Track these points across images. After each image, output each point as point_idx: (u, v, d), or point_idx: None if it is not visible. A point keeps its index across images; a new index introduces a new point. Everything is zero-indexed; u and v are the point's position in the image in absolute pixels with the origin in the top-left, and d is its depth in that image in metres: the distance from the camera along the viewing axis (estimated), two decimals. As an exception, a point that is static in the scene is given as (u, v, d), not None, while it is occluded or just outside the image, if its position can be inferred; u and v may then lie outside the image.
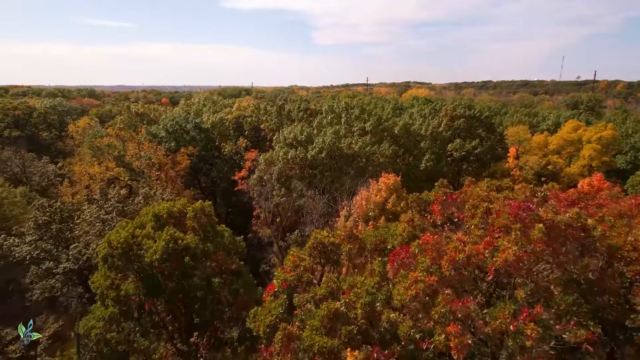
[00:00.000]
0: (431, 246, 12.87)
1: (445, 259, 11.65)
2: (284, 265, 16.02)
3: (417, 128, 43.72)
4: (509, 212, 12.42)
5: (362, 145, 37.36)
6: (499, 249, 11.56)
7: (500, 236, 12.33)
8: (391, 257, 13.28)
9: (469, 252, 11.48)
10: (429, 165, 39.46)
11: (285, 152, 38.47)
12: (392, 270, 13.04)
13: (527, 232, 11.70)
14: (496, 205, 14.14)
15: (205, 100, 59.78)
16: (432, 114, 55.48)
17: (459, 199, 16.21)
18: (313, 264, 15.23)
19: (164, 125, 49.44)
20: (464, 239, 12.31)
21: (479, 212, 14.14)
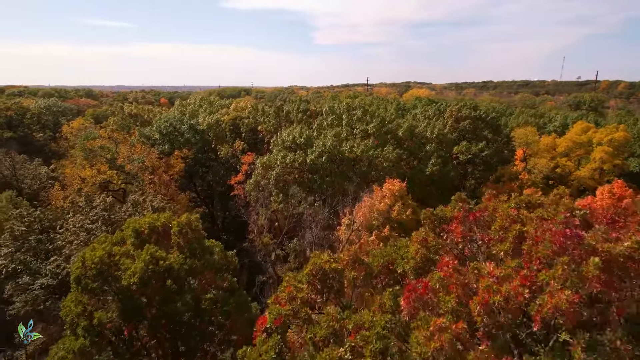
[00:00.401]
0: (455, 280, 10.50)
1: (476, 300, 9.30)
2: (279, 294, 13.67)
3: (422, 130, 41.37)
4: (552, 239, 10.06)
5: (364, 148, 35.02)
6: (543, 290, 9.21)
7: (540, 268, 9.97)
8: (406, 292, 10.92)
9: (506, 293, 9.13)
10: (435, 170, 37.11)
11: (283, 156, 36.12)
12: (408, 308, 10.68)
13: (577, 266, 9.34)
14: (530, 228, 11.77)
15: (202, 101, 57.41)
16: (437, 115, 53.12)
17: (482, 216, 13.84)
18: (312, 295, 12.87)
19: (157, 126, 47.09)
20: (497, 272, 9.95)
21: (510, 236, 11.78)
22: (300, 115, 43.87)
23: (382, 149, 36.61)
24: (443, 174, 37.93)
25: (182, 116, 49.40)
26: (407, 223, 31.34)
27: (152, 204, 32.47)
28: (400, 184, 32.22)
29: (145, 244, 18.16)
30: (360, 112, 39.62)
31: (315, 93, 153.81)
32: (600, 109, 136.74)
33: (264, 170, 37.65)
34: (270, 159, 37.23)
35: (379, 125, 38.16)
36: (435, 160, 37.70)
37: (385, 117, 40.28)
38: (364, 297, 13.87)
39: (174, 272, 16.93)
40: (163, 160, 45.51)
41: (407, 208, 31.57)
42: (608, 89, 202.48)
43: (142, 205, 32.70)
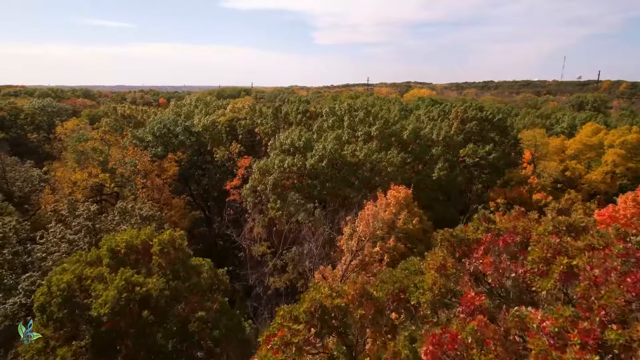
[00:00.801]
0: (493, 333, 8.20)
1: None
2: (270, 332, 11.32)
3: (428, 133, 39.02)
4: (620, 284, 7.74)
5: (367, 152, 32.68)
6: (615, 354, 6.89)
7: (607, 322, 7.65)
8: (429, 344, 8.61)
9: (568, 361, 6.80)
10: (443, 175, 34.78)
11: (281, 160, 33.78)
12: (431, 366, 8.36)
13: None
14: (580, 262, 9.44)
15: (197, 101, 55.01)
16: (441, 117, 50.77)
17: (513, 241, 11.53)
18: (310, 338, 10.56)
19: (150, 128, 44.77)
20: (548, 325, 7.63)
21: (555, 272, 9.46)
22: (299, 117, 41.50)
23: (386, 152, 34.28)
24: (450, 179, 35.60)
25: (177, 117, 47.07)
26: (413, 233, 29.04)
27: (141, 212, 30.16)
28: (406, 191, 29.90)
29: (122, 265, 15.86)
30: (363, 114, 37.27)
31: (316, 93, 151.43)
32: (603, 109, 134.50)
33: (261, 175, 35.32)
34: (267, 163, 34.90)
35: (382, 127, 35.82)
36: (442, 164, 35.36)
37: (389, 119, 37.92)
38: (374, 338, 11.53)
39: (152, 301, 14.61)
40: (156, 164, 43.21)
41: (414, 217, 29.26)
42: (610, 89, 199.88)
43: (130, 213, 30.39)
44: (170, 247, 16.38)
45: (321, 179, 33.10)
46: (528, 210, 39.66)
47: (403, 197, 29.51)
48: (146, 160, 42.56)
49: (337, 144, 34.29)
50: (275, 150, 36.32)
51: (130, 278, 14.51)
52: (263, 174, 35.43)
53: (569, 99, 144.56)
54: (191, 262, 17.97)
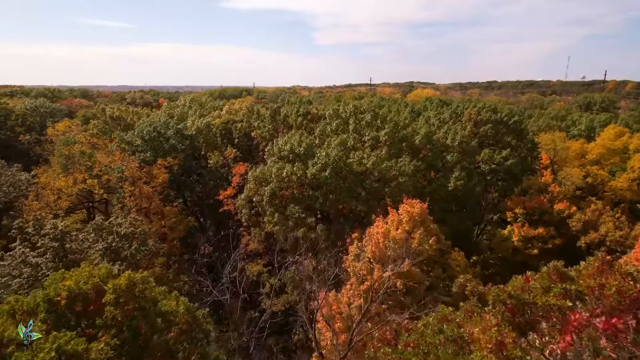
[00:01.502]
0: None
1: None
2: None
3: (441, 137, 34.92)
4: None
5: (376, 160, 28.62)
6: None
7: None
8: None
9: None
10: (460, 185, 30.67)
11: (279, 168, 29.77)
12: None
13: None
14: None
15: (192, 102, 50.96)
16: (453, 119, 46.64)
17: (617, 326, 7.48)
18: None
19: (139, 131, 40.83)
20: None
21: None
22: (300, 120, 37.42)
23: (397, 160, 30.21)
24: (467, 189, 31.51)
25: (168, 120, 43.08)
26: (430, 254, 24.99)
27: (119, 229, 26.22)
28: (421, 206, 25.84)
29: (61, 322, 11.90)
30: (370, 117, 33.17)
31: (318, 93, 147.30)
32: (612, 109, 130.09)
33: (257, 184, 31.33)
34: (264, 171, 30.88)
35: (392, 131, 31.73)
36: (458, 173, 31.24)
37: (399, 122, 33.83)
38: None
39: (94, 378, 10.61)
40: (144, 170, 39.27)
41: (430, 235, 25.23)
42: (615, 89, 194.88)
43: (108, 229, 26.45)
44: (128, 295, 12.38)
45: (324, 189, 29.08)
46: (549, 221, 34.60)
47: (418, 212, 25.47)
48: (134, 167, 38.64)
49: (341, 150, 30.25)
50: (273, 156, 32.31)
51: (66, 345, 10.51)
52: (259, 184, 31.44)
53: (576, 100, 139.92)
54: (160, 308, 13.99)
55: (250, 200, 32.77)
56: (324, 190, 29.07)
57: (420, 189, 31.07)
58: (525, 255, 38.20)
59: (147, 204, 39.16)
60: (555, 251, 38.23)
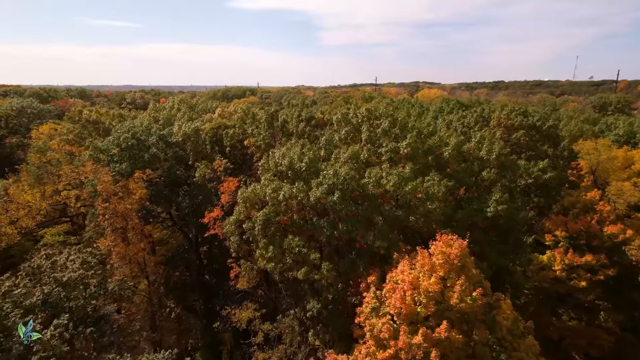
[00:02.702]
0: None
1: None
2: None
3: (474, 148, 28.00)
4: None
5: (398, 180, 21.81)
6: None
7: None
8: None
9: None
10: (502, 210, 23.74)
11: (275, 189, 23.05)
12: None
13: None
14: None
15: (180, 104, 44.16)
16: (479, 124, 39.69)
17: None
18: None
19: (115, 138, 34.20)
20: None
21: None
22: (301, 126, 30.56)
23: (424, 178, 23.39)
24: (510, 215, 24.58)
25: (151, 124, 36.41)
26: (474, 311, 18.23)
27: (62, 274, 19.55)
28: (461, 244, 19.07)
29: None
30: (388, 123, 26.30)
31: (322, 93, 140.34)
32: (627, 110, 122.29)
33: (248, 207, 24.64)
34: (256, 191, 24.16)
35: (415, 142, 24.87)
36: (499, 195, 24.31)
37: (422, 130, 27.00)
38: None
39: None
40: (119, 185, 32.67)
41: (475, 285, 18.49)
42: (627, 89, 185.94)
43: (48, 271, 19.79)
44: None
45: (331, 217, 22.33)
46: (599, 247, 26.71)
47: (456, 253, 18.76)
48: (107, 180, 32.07)
49: (354, 166, 23.46)
50: (268, 172, 25.59)
51: None
52: (251, 206, 24.74)
53: (590, 100, 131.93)
54: None
55: (241, 224, 26.09)
56: (331, 218, 22.31)
57: (450, 214, 24.22)
58: (568, 287, 31.38)
59: (123, 224, 32.59)
60: (607, 284, 31.35)
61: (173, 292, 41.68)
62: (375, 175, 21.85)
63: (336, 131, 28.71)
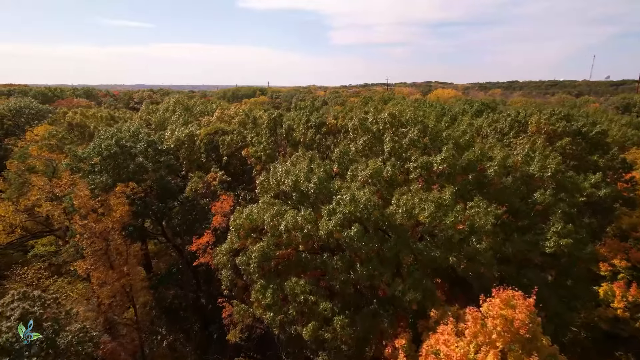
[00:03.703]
0: None
1: None
2: None
3: (520, 162, 22.26)
4: None
5: (435, 211, 16.26)
6: None
7: None
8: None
9: None
10: (567, 245, 18.07)
11: (275, 216, 17.73)
12: None
13: None
14: None
15: (176, 105, 38.98)
16: (515, 130, 33.84)
17: None
18: None
19: (96, 145, 29.20)
20: None
21: None
22: (310, 134, 25.11)
23: (465, 204, 17.81)
24: (575, 250, 18.85)
25: (140, 129, 31.33)
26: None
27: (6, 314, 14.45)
28: (527, 305, 13.57)
29: None
30: (417, 131, 20.72)
31: (334, 93, 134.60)
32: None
33: (242, 236, 19.34)
34: (252, 217, 18.84)
35: (452, 156, 19.28)
36: (561, 225, 18.62)
37: (459, 140, 21.40)
38: None
39: None
40: (99, 200, 27.68)
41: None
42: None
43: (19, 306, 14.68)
44: None
45: (347, 256, 16.91)
46: None
47: (523, 319, 13.29)
48: (85, 195, 27.10)
49: (375, 189, 18.00)
50: (268, 192, 20.25)
51: None
52: (246, 235, 19.43)
53: (613, 101, 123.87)
54: None
55: (234, 254, 20.82)
56: (346, 257, 16.89)
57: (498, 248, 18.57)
58: (633, 329, 25.60)
59: (102, 245, 27.62)
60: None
61: (166, 315, 36.80)
62: (406, 204, 16.32)
63: (352, 140, 23.23)
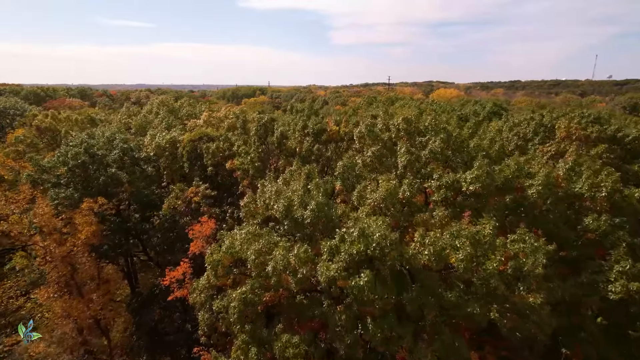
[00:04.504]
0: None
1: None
2: None
3: (563, 178, 17.87)
4: None
5: (472, 252, 11.89)
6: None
7: None
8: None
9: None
10: (637, 291, 13.76)
11: (260, 251, 13.41)
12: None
13: None
14: None
15: (159, 107, 34.44)
16: (541, 135, 29.46)
17: None
18: None
19: (61, 154, 24.86)
20: None
21: None
22: (308, 143, 20.72)
23: (505, 236, 13.46)
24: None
25: (115, 134, 26.97)
26: None
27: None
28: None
29: None
30: (439, 142, 16.35)
31: (334, 93, 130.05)
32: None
33: (220, 274, 15.03)
34: (233, 250, 14.52)
35: (486, 174, 14.91)
36: (629, 264, 14.30)
37: (489, 150, 17.05)
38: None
39: None
40: (61, 219, 23.38)
41: None
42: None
43: None
44: None
45: (354, 309, 12.59)
46: None
47: None
48: (46, 213, 22.82)
49: (388, 219, 13.66)
50: (255, 218, 15.91)
51: None
52: (225, 273, 15.12)
53: (620, 100, 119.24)
54: None
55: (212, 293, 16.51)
56: (354, 308, 12.57)
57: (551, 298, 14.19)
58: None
59: (66, 271, 23.35)
60: None
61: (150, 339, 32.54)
62: (434, 244, 11.97)
63: (358, 151, 18.86)
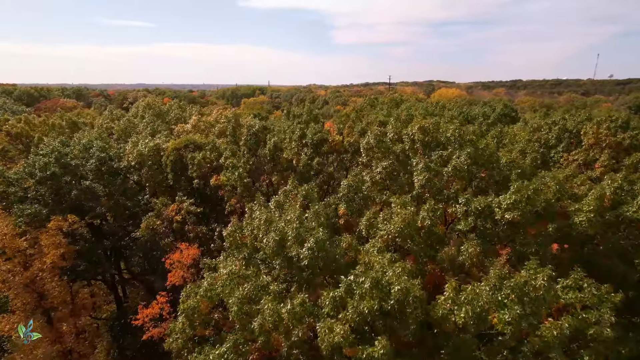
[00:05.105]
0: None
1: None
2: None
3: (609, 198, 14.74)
4: None
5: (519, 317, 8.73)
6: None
7: None
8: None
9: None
10: None
11: (245, 301, 10.29)
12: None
13: None
14: None
15: (145, 110, 31.00)
16: (566, 141, 26.31)
17: None
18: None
19: (28, 165, 21.76)
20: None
21: None
22: (306, 155, 17.55)
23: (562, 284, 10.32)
24: None
25: (92, 142, 23.83)
26: None
27: None
28: None
29: None
30: (465, 156, 13.24)
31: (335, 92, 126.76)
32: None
33: (197, 324, 11.95)
34: (212, 294, 11.42)
35: (527, 199, 11.79)
36: None
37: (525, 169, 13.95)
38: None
39: None
40: (27, 238, 20.31)
41: None
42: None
43: None
44: None
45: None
46: None
47: None
48: (7, 233, 19.75)
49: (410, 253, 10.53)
50: (241, 253, 12.79)
51: None
52: (202, 323, 12.05)
53: (625, 100, 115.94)
54: None
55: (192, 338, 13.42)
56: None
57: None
58: None
59: (31, 299, 20.28)
60: None
61: None
62: (472, 302, 8.85)
63: (366, 166, 15.73)
